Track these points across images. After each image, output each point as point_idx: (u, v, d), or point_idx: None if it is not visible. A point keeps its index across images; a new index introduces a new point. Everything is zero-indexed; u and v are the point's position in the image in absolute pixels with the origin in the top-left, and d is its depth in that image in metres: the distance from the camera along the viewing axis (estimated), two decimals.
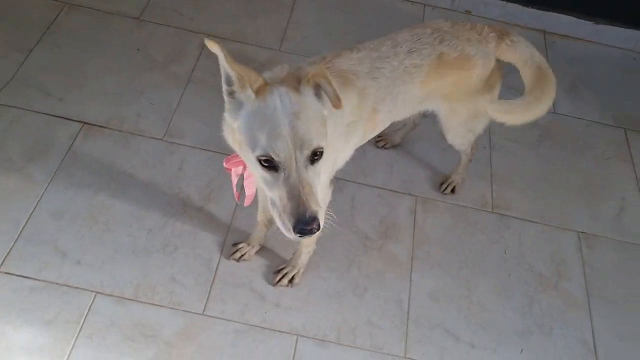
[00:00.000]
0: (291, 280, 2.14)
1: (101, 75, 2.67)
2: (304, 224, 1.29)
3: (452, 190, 2.52)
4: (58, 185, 2.28)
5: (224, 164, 1.67)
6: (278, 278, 2.14)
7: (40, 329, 1.94)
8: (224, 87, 1.39)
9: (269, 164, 1.33)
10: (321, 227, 1.34)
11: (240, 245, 2.19)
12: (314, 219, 1.29)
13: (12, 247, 2.10)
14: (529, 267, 2.35)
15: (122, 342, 1.94)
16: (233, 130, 1.44)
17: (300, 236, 1.32)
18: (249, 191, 1.77)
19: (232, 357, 1.96)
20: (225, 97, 1.41)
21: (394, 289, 2.21)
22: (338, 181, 2.47)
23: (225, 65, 1.34)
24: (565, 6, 3.28)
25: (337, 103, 1.36)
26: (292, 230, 1.31)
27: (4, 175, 2.27)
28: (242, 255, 2.18)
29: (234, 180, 1.73)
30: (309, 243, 2.07)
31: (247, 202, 1.81)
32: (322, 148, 1.35)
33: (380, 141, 2.64)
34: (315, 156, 1.35)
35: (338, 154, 1.74)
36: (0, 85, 2.53)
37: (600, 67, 3.27)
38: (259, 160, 1.33)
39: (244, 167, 1.66)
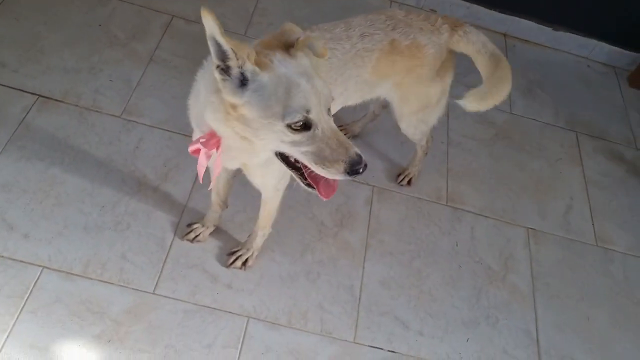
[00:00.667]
0: (244, 263, 2.14)
1: (60, 50, 2.61)
2: (358, 163, 1.35)
3: (409, 182, 2.56)
4: (8, 157, 2.22)
5: (194, 147, 1.56)
6: (232, 260, 2.13)
7: None
8: (216, 64, 1.31)
9: (301, 126, 1.33)
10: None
11: (195, 226, 2.18)
12: (361, 156, 1.36)
13: None
14: (479, 260, 2.41)
15: (68, 318, 1.91)
16: (232, 107, 1.36)
17: (352, 176, 1.37)
18: (217, 171, 1.71)
19: (181, 336, 1.95)
20: (218, 76, 1.33)
21: (346, 276, 2.23)
22: None
23: (220, 39, 1.26)
24: (527, 11, 3.37)
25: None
26: (344, 172, 1.36)
27: None
28: (197, 236, 2.17)
29: (203, 161, 1.66)
30: (262, 226, 2.07)
31: (212, 184, 1.77)
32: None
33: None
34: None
35: None
36: None
37: (556, 72, 3.37)
38: (291, 127, 1.33)
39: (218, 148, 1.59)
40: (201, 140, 1.52)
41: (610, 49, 3.45)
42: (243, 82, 1.32)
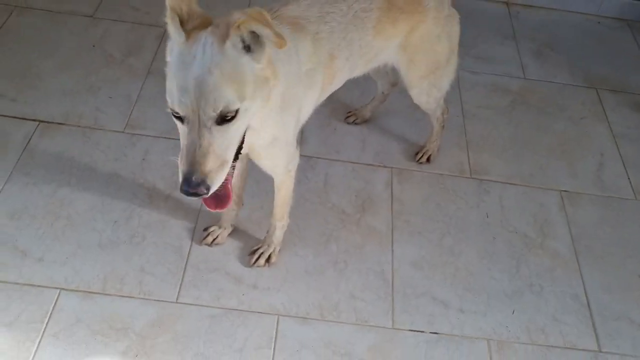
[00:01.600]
0: (268, 260, 2.04)
1: (56, 74, 2.57)
2: (188, 186, 1.24)
3: (428, 159, 2.45)
4: (14, 185, 2.16)
5: None
6: (254, 259, 2.04)
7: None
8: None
9: (177, 115, 1.25)
10: (214, 188, 1.27)
11: (212, 229, 2.09)
12: (201, 183, 1.23)
13: None
14: (513, 229, 2.28)
15: (91, 337, 1.82)
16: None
17: (186, 195, 1.26)
18: None
19: (209, 343, 1.85)
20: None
21: (375, 261, 2.12)
22: (309, 159, 2.40)
23: None
24: None
25: (280, 42, 1.21)
26: (179, 188, 1.26)
27: None
28: (215, 239, 2.08)
29: None
30: (279, 216, 1.97)
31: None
32: (231, 110, 1.23)
33: (350, 117, 2.56)
34: (227, 117, 1.24)
35: (301, 103, 1.65)
36: None
37: (566, 33, 3.25)
38: (171, 110, 1.26)
39: None
40: None
41: (620, 1, 3.31)
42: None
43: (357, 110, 2.57)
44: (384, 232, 2.21)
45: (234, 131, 1.28)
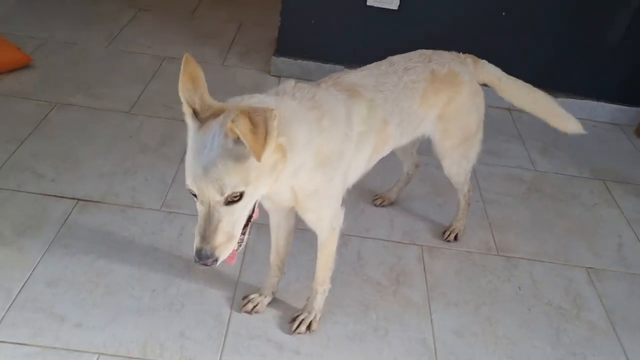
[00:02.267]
0: (309, 327, 2.01)
1: (94, 159, 2.68)
2: (199, 257, 1.39)
3: (455, 238, 2.52)
4: (52, 255, 2.17)
5: None
6: (295, 325, 2.01)
7: None
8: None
9: (192, 193, 1.39)
10: (222, 258, 1.40)
11: (252, 296, 2.08)
12: (210, 256, 1.37)
13: (4, 316, 1.92)
14: (547, 301, 2.29)
15: None
16: None
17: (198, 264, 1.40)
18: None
19: None
20: None
21: (415, 329, 2.10)
22: (342, 237, 2.40)
23: (180, 81, 1.38)
24: (522, 79, 3.56)
25: (256, 154, 1.27)
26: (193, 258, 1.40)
27: None
28: (255, 307, 2.06)
29: None
30: (321, 280, 1.99)
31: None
32: (236, 193, 1.35)
33: (377, 199, 2.67)
34: (234, 199, 1.36)
35: (350, 163, 1.75)
36: None
37: (566, 135, 3.48)
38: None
39: None
40: None
41: (612, 107, 3.62)
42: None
43: (383, 194, 2.68)
44: (420, 302, 2.21)
45: (240, 210, 1.40)
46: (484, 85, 2.23)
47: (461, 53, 2.17)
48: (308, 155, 1.58)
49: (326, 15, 3.45)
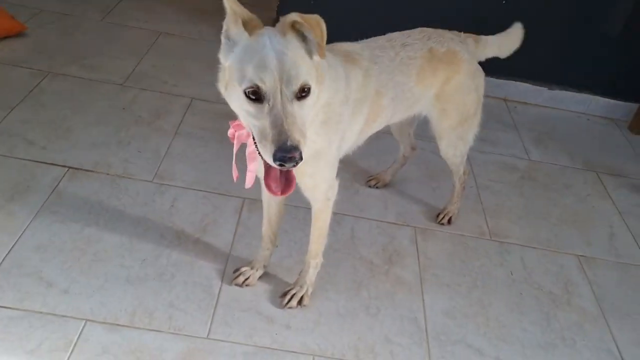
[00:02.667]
0: (300, 302, 1.99)
1: (86, 128, 2.64)
2: (284, 151, 1.28)
3: (449, 221, 2.51)
4: (41, 222, 2.13)
5: (230, 127, 1.59)
6: (287, 300, 1.99)
7: (21, 359, 1.69)
8: (224, 27, 1.40)
9: (256, 96, 1.32)
10: (302, 158, 1.30)
11: (243, 269, 2.06)
12: (295, 147, 1.28)
13: None
14: (538, 287, 2.29)
15: None
16: (225, 71, 1.43)
17: (280, 164, 1.30)
18: (251, 165, 1.63)
19: None
20: (222, 39, 1.42)
21: (407, 308, 2.08)
22: (335, 215, 2.40)
23: (225, 2, 1.35)
24: (523, 75, 3.58)
25: (321, 51, 1.35)
26: (272, 158, 1.29)
27: None
28: (246, 280, 2.04)
29: (236, 148, 1.64)
30: (314, 253, 1.97)
31: (248, 181, 1.65)
32: (308, 85, 1.35)
33: (371, 180, 2.65)
34: (303, 93, 1.35)
35: (345, 128, 1.73)
36: None
37: (561, 125, 3.50)
38: (245, 93, 1.33)
39: (248, 135, 1.56)
40: (233, 123, 1.55)
41: (606, 102, 3.63)
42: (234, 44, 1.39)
43: (378, 175, 2.66)
44: (413, 283, 2.20)
45: (308, 107, 1.37)
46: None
47: (462, 33, 2.15)
48: (325, 102, 1.58)
49: None
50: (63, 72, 3.00)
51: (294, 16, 1.36)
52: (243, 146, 1.63)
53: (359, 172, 2.70)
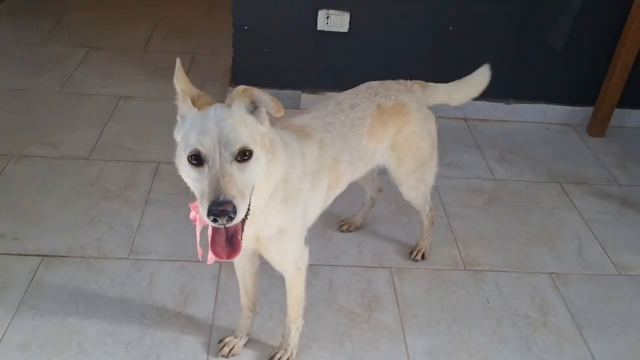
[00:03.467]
0: None
1: (56, 211, 2.66)
2: (217, 205, 1.31)
3: (423, 256, 2.58)
4: (22, 318, 2.14)
5: (190, 209, 1.62)
6: None
7: None
8: (178, 107, 1.50)
9: (197, 161, 1.39)
10: (238, 216, 1.34)
11: (227, 339, 2.09)
12: (228, 202, 1.31)
13: None
14: (514, 312, 2.36)
15: None
16: (178, 146, 1.49)
17: (214, 220, 1.33)
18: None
19: None
20: (178, 118, 1.51)
21: (391, 355, 2.14)
22: (312, 267, 2.45)
23: (175, 80, 1.46)
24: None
25: (276, 107, 1.43)
26: (206, 213, 1.33)
27: None
28: (231, 349, 2.07)
29: (198, 229, 1.68)
30: (293, 317, 2.01)
31: (210, 258, 1.64)
32: (249, 148, 1.41)
33: (343, 225, 2.71)
34: (245, 156, 1.40)
35: (307, 202, 1.78)
36: None
37: (521, 139, 3.60)
38: (188, 159, 1.40)
39: None
40: (192, 204, 1.59)
41: (563, 109, 3.74)
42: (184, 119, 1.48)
43: (349, 219, 2.72)
44: (394, 326, 2.26)
45: (250, 171, 1.42)
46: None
47: (408, 80, 2.22)
48: (282, 178, 1.63)
49: (278, 42, 3.48)
50: (26, 153, 3.02)
51: (241, 87, 1.47)
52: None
53: (331, 218, 2.75)
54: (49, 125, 3.27)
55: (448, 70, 2.47)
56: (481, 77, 2.33)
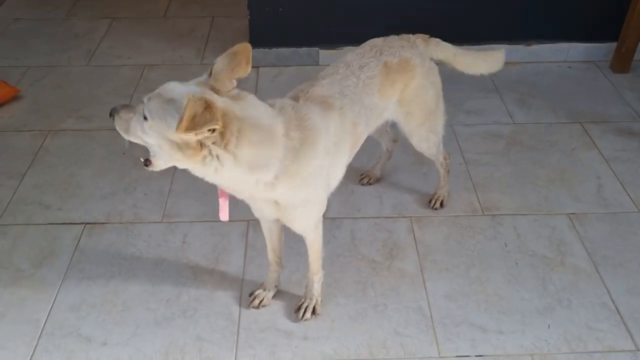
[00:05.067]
0: (313, 312, 2.19)
1: (94, 181, 2.84)
2: (113, 109, 1.74)
3: (441, 204, 2.66)
4: (71, 281, 2.35)
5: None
6: (301, 313, 2.19)
7: None
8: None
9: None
10: (115, 116, 1.73)
11: (257, 292, 2.26)
12: (118, 109, 1.73)
13: (37, 344, 2.12)
14: (532, 253, 2.45)
15: None
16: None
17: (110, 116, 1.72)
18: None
19: None
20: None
21: (411, 299, 2.27)
22: (334, 220, 2.61)
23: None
24: (499, 37, 3.64)
25: (182, 125, 1.48)
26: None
27: (17, 285, 2.33)
28: (261, 301, 2.24)
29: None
30: (315, 270, 2.16)
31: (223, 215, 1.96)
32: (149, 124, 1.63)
33: (363, 178, 2.81)
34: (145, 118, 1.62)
35: (329, 172, 1.89)
36: (0, 212, 2.67)
37: (542, 80, 3.58)
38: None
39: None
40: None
41: (585, 46, 3.68)
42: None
43: (368, 172, 2.82)
44: (414, 273, 2.38)
45: (142, 130, 1.68)
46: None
47: (411, 35, 2.27)
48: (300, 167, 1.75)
49: (292, 1, 3.51)
50: (61, 127, 3.19)
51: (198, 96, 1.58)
52: None
53: (351, 171, 2.82)
54: (80, 99, 3.42)
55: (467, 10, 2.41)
56: (493, 59, 2.40)
